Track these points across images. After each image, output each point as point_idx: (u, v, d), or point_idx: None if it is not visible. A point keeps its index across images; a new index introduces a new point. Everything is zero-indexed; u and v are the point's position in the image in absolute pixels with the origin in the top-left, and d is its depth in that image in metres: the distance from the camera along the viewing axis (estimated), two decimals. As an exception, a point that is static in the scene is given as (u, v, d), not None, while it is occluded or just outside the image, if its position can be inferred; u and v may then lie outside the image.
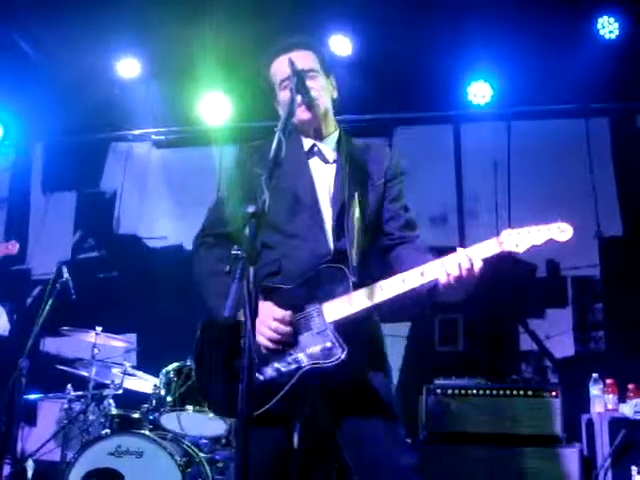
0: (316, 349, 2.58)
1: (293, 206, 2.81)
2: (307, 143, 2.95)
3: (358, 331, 2.65)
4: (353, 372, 2.62)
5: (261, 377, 2.61)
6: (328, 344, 2.56)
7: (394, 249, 2.87)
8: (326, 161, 2.92)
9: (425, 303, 2.72)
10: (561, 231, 2.48)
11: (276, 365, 2.61)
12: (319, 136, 2.95)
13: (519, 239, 2.47)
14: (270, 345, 2.61)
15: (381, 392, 2.72)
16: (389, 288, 2.56)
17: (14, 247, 5.26)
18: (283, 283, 2.73)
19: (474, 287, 2.53)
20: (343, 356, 2.52)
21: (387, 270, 2.76)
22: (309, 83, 2.77)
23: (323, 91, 2.90)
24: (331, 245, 2.75)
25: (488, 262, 2.53)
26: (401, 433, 2.71)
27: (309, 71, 2.85)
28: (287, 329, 2.61)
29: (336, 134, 3.00)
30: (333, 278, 2.64)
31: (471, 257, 2.48)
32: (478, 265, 2.48)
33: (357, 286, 2.62)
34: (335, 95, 3.01)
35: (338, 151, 2.94)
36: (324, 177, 2.88)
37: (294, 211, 2.81)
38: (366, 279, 2.66)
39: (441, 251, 2.62)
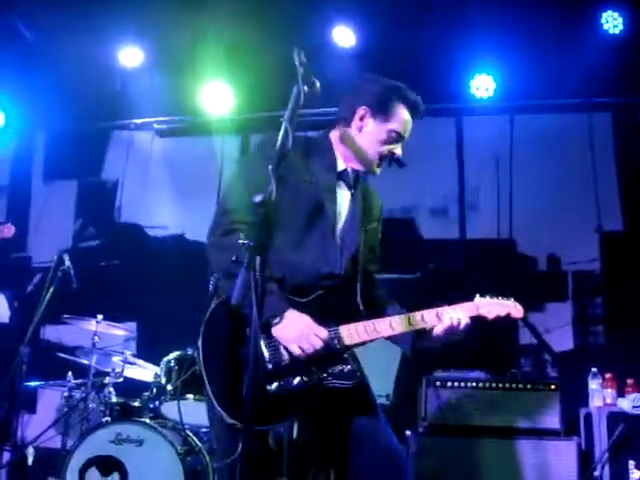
0: (337, 369, 2.67)
1: (313, 215, 2.80)
2: (340, 164, 2.96)
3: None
4: (360, 386, 2.76)
5: (272, 389, 2.61)
6: (348, 366, 2.69)
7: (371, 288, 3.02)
8: (349, 187, 2.96)
9: (413, 344, 2.94)
10: (517, 310, 2.94)
11: (297, 380, 2.63)
12: (352, 163, 2.95)
13: (490, 308, 2.88)
14: (301, 355, 2.62)
15: (369, 393, 2.87)
16: (397, 326, 2.74)
17: (10, 230, 5.17)
18: (290, 293, 2.71)
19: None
20: (361, 378, 2.75)
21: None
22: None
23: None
24: (341, 265, 2.81)
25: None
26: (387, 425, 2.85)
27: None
28: (322, 346, 2.65)
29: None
30: (346, 302, 2.77)
31: (458, 314, 2.81)
32: (464, 321, 2.80)
33: (363, 313, 2.80)
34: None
35: (356, 182, 2.99)
36: (345, 202, 2.93)
37: (312, 221, 2.80)
38: (367, 307, 2.85)
39: (442, 243, 2.71)
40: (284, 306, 2.61)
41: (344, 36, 6.50)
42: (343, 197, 2.93)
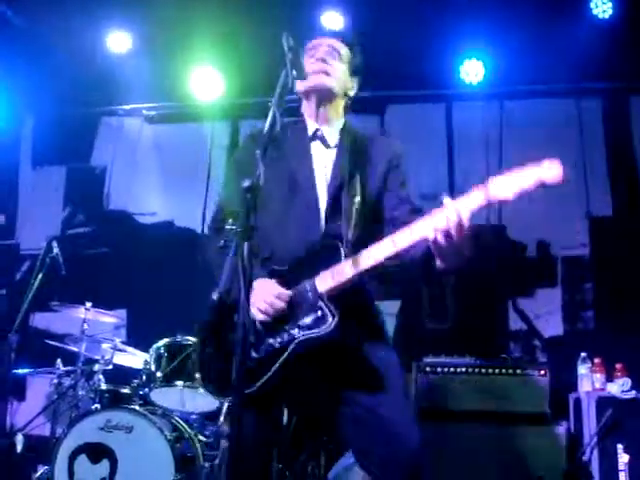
0: (308, 320, 2.59)
1: (290, 189, 2.82)
2: (311, 127, 2.98)
3: (351, 303, 2.65)
4: (347, 342, 2.65)
5: (256, 354, 2.62)
6: (319, 313, 2.57)
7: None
8: (327, 145, 2.94)
9: (421, 272, 2.63)
10: (549, 169, 2.32)
11: (270, 341, 2.62)
12: (323, 120, 2.97)
13: (507, 185, 2.31)
14: (263, 318, 2.62)
15: (379, 364, 2.72)
16: (379, 251, 2.52)
17: None
18: (278, 266, 2.75)
19: (468, 251, 2.41)
20: (334, 323, 2.53)
21: None
22: (329, 58, 2.90)
23: (337, 74, 2.96)
24: (322, 227, 2.77)
25: (477, 236, 2.46)
26: (403, 405, 2.72)
27: (335, 49, 2.96)
28: (282, 305, 2.62)
29: (341, 122, 3.03)
30: (327, 254, 2.65)
31: (458, 209, 2.32)
32: (466, 217, 2.32)
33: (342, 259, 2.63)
34: (351, 94, 3.06)
35: (341, 137, 2.96)
36: (323, 160, 2.90)
37: (291, 194, 2.82)
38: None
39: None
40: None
41: (333, 21, 6.46)
42: (323, 156, 2.92)
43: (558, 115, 6.51)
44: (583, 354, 5.19)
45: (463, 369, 5.08)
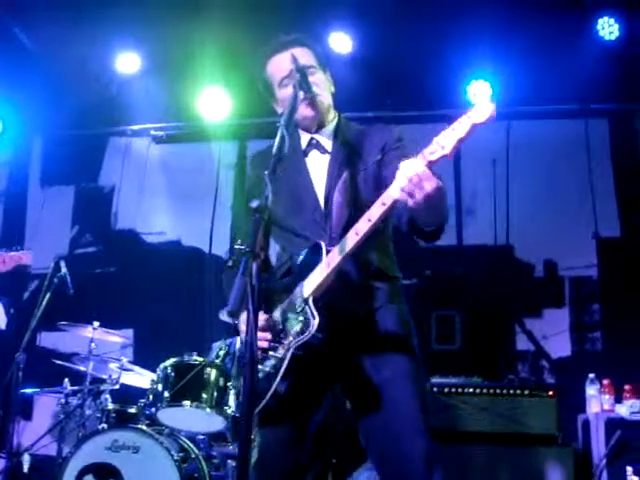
0: (297, 327, 2.58)
1: (294, 206, 2.82)
2: (305, 138, 2.96)
3: (386, 319, 2.68)
4: (342, 346, 2.64)
5: (261, 374, 2.62)
6: (303, 317, 2.56)
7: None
8: (324, 151, 2.93)
9: (413, 233, 2.62)
10: (480, 112, 2.28)
11: (272, 353, 2.63)
12: (319, 129, 2.95)
13: (443, 141, 2.30)
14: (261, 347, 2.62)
15: (403, 377, 2.69)
16: (357, 231, 2.49)
17: (27, 258, 5.07)
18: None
19: (440, 202, 2.39)
20: (316, 324, 2.51)
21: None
22: (311, 79, 2.77)
23: (323, 86, 2.91)
24: (331, 240, 2.73)
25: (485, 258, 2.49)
26: (419, 420, 2.69)
27: (310, 67, 2.85)
28: (267, 335, 2.63)
29: (334, 122, 2.99)
30: (311, 257, 2.65)
31: (415, 165, 2.31)
32: (424, 170, 2.30)
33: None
34: (333, 89, 3.01)
35: (335, 140, 2.93)
36: (320, 167, 2.89)
37: (297, 210, 2.82)
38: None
39: (439, 249, 2.60)
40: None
41: (341, 42, 6.51)
42: (321, 164, 2.89)
43: (565, 136, 6.52)
44: (591, 375, 5.16)
45: (471, 390, 5.05)
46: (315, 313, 2.52)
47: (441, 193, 2.35)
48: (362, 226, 2.47)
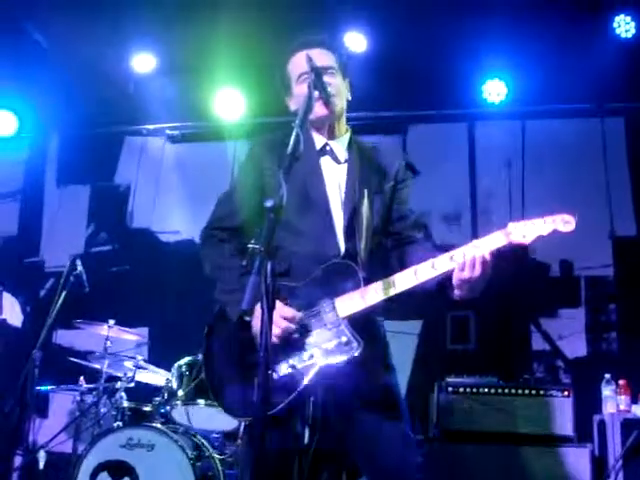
0: (331, 345, 2.58)
1: (303, 204, 2.81)
2: (319, 142, 2.96)
3: (366, 328, 2.66)
4: (365, 369, 2.63)
5: (275, 375, 2.61)
6: (344, 339, 2.57)
7: (400, 247, 2.89)
8: (337, 161, 2.93)
9: (435, 300, 2.73)
10: (565, 222, 2.50)
11: (291, 362, 2.62)
12: (332, 135, 2.96)
13: (525, 230, 2.49)
14: (277, 342, 2.60)
15: (389, 391, 2.76)
16: (402, 282, 2.58)
17: None
18: (292, 282, 2.74)
19: (485, 284, 2.54)
20: (360, 349, 2.53)
21: (392, 270, 2.77)
22: (327, 79, 2.78)
23: (339, 90, 2.92)
24: (342, 246, 2.76)
25: (499, 257, 2.55)
26: (408, 431, 2.73)
27: (328, 68, 2.87)
28: (293, 327, 2.61)
29: (348, 135, 3.01)
30: (343, 274, 2.65)
31: (480, 249, 2.49)
32: (487, 257, 2.49)
33: (366, 282, 2.63)
34: (349, 97, 3.02)
35: (349, 152, 2.95)
36: (335, 177, 2.89)
37: (304, 209, 2.81)
38: (374, 276, 2.67)
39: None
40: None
41: (356, 42, 6.50)
42: (334, 172, 2.91)
43: (581, 135, 6.49)
44: (607, 375, 5.13)
45: (486, 390, 5.04)
46: (359, 338, 2.56)
47: (486, 278, 2.52)
48: (426, 272, 2.56)
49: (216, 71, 6.65)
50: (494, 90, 6.59)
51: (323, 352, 2.59)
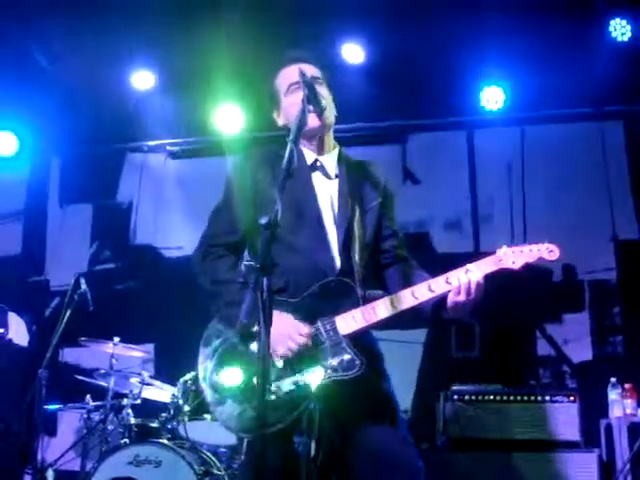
0: (334, 362, 2.61)
1: (297, 220, 2.82)
2: (310, 157, 2.96)
3: (363, 343, 2.70)
4: (365, 383, 2.65)
5: (279, 391, 2.63)
6: (346, 357, 2.61)
7: (390, 267, 2.94)
8: (328, 176, 2.94)
9: (428, 319, 2.79)
10: (549, 251, 2.69)
11: (294, 379, 2.64)
12: (322, 150, 2.97)
13: (515, 257, 2.67)
14: (284, 355, 2.63)
15: (388, 399, 2.78)
16: (401, 302, 2.64)
17: None
18: (289, 298, 2.74)
19: (479, 304, 2.65)
20: (363, 366, 2.59)
21: (386, 288, 2.88)
22: (319, 89, 2.80)
23: (330, 102, 2.94)
24: (337, 262, 2.77)
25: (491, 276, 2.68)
26: (408, 436, 2.75)
27: (318, 78, 2.90)
28: (305, 342, 2.64)
29: (337, 150, 3.03)
30: (341, 292, 2.69)
31: (475, 274, 2.62)
32: (481, 282, 2.62)
33: (364, 299, 2.68)
34: (335, 112, 3.03)
35: (339, 167, 2.96)
36: (327, 192, 2.90)
37: (298, 225, 2.82)
38: (370, 293, 2.74)
39: (456, 256, 2.67)
40: None
41: (353, 53, 6.52)
42: (326, 187, 2.92)
43: (580, 138, 6.50)
44: (613, 379, 5.13)
45: (492, 397, 5.04)
46: (361, 356, 2.61)
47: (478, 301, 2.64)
48: (406, 300, 2.64)
49: (215, 87, 6.67)
50: (492, 97, 6.60)
51: (326, 368, 2.61)
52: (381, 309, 2.65)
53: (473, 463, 4.79)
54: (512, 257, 2.65)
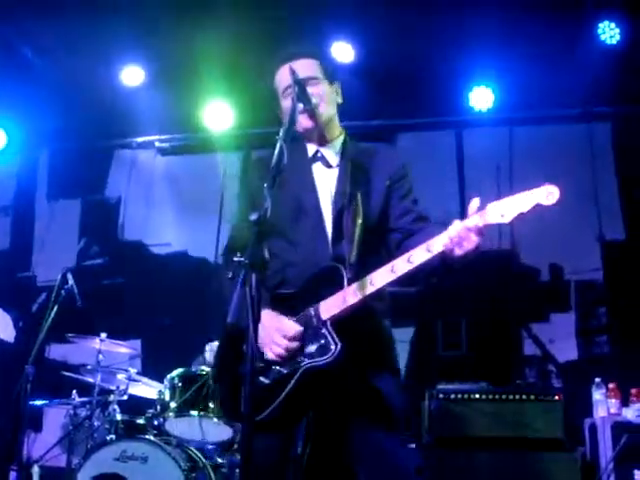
0: (313, 348, 2.60)
1: (296, 213, 2.84)
2: (311, 149, 2.98)
3: (358, 329, 2.65)
4: (353, 370, 2.65)
5: (266, 381, 2.64)
6: (322, 341, 2.58)
7: (405, 240, 2.83)
8: (329, 166, 2.95)
9: (435, 273, 2.69)
10: (548, 194, 2.37)
11: (278, 368, 2.64)
12: (323, 141, 2.97)
13: (504, 209, 2.38)
14: (276, 356, 2.63)
15: (385, 394, 2.72)
16: (378, 279, 2.55)
17: None
18: (288, 290, 2.77)
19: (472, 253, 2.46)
20: (337, 351, 2.54)
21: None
22: (310, 90, 2.80)
23: (325, 98, 2.92)
24: (330, 249, 2.78)
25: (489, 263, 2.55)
26: (403, 435, 2.75)
27: (310, 79, 2.88)
28: (296, 345, 2.63)
29: (341, 138, 3.02)
30: (330, 277, 2.66)
31: (455, 234, 2.42)
32: (471, 228, 2.41)
33: (352, 282, 2.62)
34: (340, 101, 3.03)
35: (342, 155, 2.96)
36: (326, 182, 2.91)
37: (297, 218, 2.84)
38: (365, 276, 2.63)
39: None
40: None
41: (343, 52, 6.53)
42: (326, 178, 2.92)
43: (568, 140, 6.54)
44: (597, 379, 5.16)
45: (477, 395, 5.05)
46: (337, 339, 2.56)
47: (477, 248, 2.45)
48: (402, 266, 2.51)
49: (204, 83, 6.67)
50: (481, 97, 6.64)
51: (305, 355, 2.61)
52: (358, 289, 2.57)
53: (459, 461, 4.81)
54: (501, 209, 2.37)
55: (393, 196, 2.90)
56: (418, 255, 2.49)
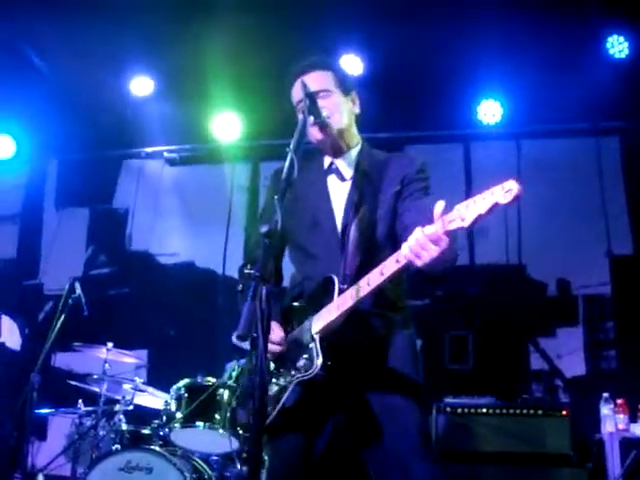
0: (302, 362, 2.62)
1: (312, 227, 2.86)
2: (326, 161, 2.99)
3: (365, 338, 2.68)
4: (348, 382, 2.67)
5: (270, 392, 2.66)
6: (307, 355, 2.59)
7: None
8: (343, 179, 2.94)
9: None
10: (505, 191, 2.16)
11: (275, 381, 2.69)
12: (338, 152, 2.96)
13: (464, 212, 2.22)
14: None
15: (367, 408, 2.70)
16: (369, 283, 2.49)
17: None
18: (303, 304, 2.79)
19: (448, 257, 2.38)
20: (319, 364, 2.53)
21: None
22: (321, 103, 2.81)
23: (338, 109, 2.91)
24: (341, 262, 2.77)
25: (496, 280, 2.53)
26: (407, 447, 2.66)
27: (321, 91, 2.87)
28: (278, 349, 2.67)
29: (357, 148, 3.00)
30: (326, 290, 2.67)
31: (415, 242, 2.30)
32: (432, 237, 2.29)
33: (340, 293, 2.61)
34: (357, 111, 3.02)
35: (357, 165, 2.94)
36: (340, 194, 2.91)
37: (313, 232, 2.86)
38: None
39: (452, 270, 2.58)
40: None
41: (352, 64, 6.55)
42: (340, 191, 2.92)
43: (576, 154, 6.53)
44: (605, 394, 5.12)
45: (484, 410, 5.04)
46: (319, 353, 2.55)
47: (447, 252, 2.31)
48: (375, 278, 2.47)
49: (213, 94, 6.69)
50: (489, 111, 6.64)
51: (296, 369, 2.63)
52: (348, 297, 2.54)
53: (465, 476, 4.78)
54: (461, 214, 2.22)
55: (405, 197, 2.85)
56: (389, 267, 2.43)
